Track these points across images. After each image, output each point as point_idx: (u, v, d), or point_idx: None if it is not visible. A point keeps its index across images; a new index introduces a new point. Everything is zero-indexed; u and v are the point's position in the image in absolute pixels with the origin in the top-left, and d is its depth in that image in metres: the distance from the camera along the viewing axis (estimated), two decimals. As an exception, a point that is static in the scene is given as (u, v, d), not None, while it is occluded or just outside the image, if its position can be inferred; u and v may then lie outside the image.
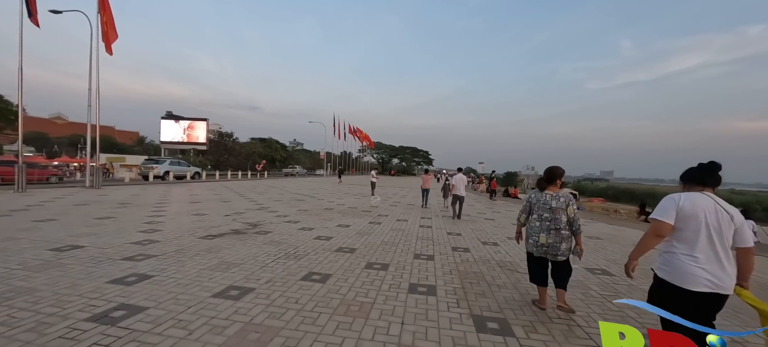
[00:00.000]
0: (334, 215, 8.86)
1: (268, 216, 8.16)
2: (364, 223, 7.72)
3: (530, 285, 3.89)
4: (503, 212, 11.51)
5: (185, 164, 25.33)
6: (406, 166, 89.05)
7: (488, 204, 14.35)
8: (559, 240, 2.96)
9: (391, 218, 8.76)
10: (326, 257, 4.68)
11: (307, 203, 11.55)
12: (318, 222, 7.65)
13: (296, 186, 21.05)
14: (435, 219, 9.03)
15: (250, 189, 17.71)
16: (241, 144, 52.43)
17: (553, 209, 3.00)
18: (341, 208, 10.42)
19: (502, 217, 10.03)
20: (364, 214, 9.24)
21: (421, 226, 7.67)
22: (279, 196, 13.77)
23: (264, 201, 11.78)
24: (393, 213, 9.68)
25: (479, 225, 8.17)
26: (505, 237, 6.82)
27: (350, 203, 12.12)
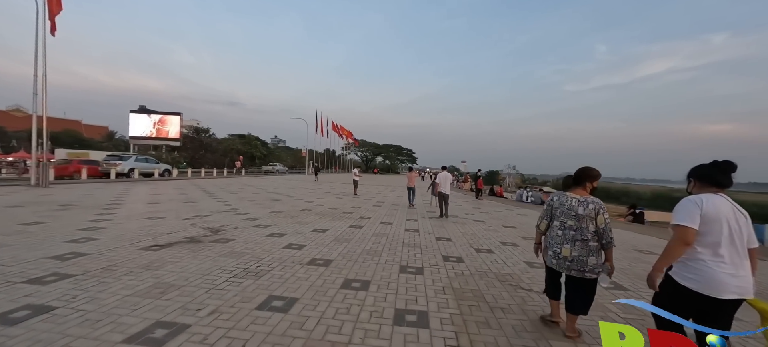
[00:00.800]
0: (312, 217, 8.02)
1: (235, 220, 7.22)
2: (344, 227, 6.93)
3: (539, 306, 3.24)
4: (491, 213, 10.99)
5: (153, 161, 23.57)
6: (390, 164, 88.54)
7: (475, 204, 13.85)
8: (585, 253, 2.45)
9: (374, 221, 8.00)
10: (294, 273, 3.87)
11: (282, 204, 10.61)
12: (292, 226, 6.79)
13: (274, 185, 19.92)
14: (421, 221, 8.35)
15: (223, 187, 16.50)
16: (218, 140, 50.22)
17: (579, 216, 2.46)
18: (320, 210, 9.57)
19: (492, 219, 9.48)
20: (345, 216, 8.44)
21: (408, 230, 6.96)
22: (253, 196, 12.72)
23: (235, 201, 10.75)
24: (376, 215, 8.93)
25: (469, 229, 7.55)
26: (498, 242, 6.20)
27: (331, 203, 11.27)
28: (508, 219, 9.59)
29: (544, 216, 2.72)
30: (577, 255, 2.45)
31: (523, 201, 16.03)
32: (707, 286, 1.75)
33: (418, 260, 4.69)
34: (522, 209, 12.79)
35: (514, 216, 10.39)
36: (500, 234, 7.06)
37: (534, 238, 2.97)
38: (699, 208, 1.79)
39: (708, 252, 1.79)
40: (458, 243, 5.98)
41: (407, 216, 9.17)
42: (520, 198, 16.41)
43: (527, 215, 10.76)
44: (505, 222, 8.78)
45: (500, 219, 9.35)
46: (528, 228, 7.95)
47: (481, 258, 4.95)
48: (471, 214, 10.20)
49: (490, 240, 6.31)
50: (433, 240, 6.07)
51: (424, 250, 5.29)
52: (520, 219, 9.73)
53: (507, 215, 10.49)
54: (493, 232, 7.21)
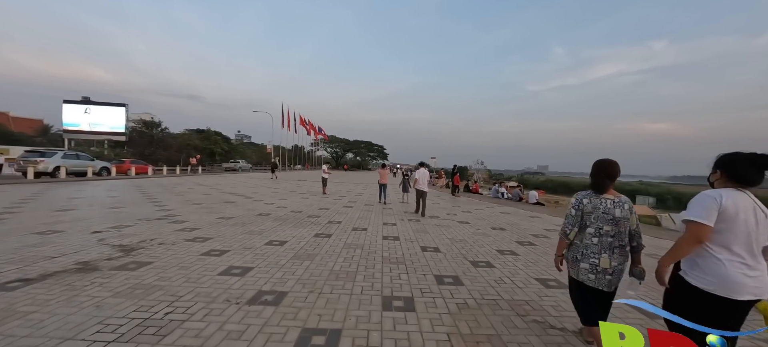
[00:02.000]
0: (269, 224, 6.59)
1: (164, 231, 5.62)
2: (308, 237, 5.61)
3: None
4: (473, 212, 10.15)
5: (87, 158, 20.35)
6: (361, 161, 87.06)
7: (453, 202, 13.01)
8: (624, 261, 2.17)
9: (345, 226, 6.74)
10: (223, 324, 2.55)
11: (236, 207, 9.00)
12: (240, 238, 5.36)
13: (232, 184, 17.89)
14: (400, 224, 7.22)
15: (170, 188, 14.33)
16: (172, 135, 45.92)
17: (616, 220, 2.12)
18: (281, 213, 8.12)
19: (476, 219, 8.58)
20: (310, 222, 7.10)
21: (386, 238, 5.79)
22: (202, 198, 10.90)
23: (176, 205, 8.96)
24: (348, 219, 7.67)
25: (456, 233, 6.54)
26: (494, 250, 5.22)
27: (295, 205, 9.82)
28: (493, 219, 8.75)
29: (573, 222, 2.21)
30: (616, 265, 2.13)
31: (501, 198, 15.52)
32: (723, 287, 1.64)
33: (405, 285, 3.53)
34: (502, 206, 12.14)
35: (497, 215, 9.60)
36: (492, 238, 6.11)
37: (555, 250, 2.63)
38: (717, 204, 1.65)
39: (724, 250, 1.68)
40: (448, 253, 4.91)
41: (383, 218, 8.00)
42: (496, 195, 15.89)
43: (511, 213, 10.04)
44: (492, 223, 7.91)
45: (485, 220, 8.48)
46: (518, 230, 7.11)
47: (483, 277, 3.90)
48: (452, 214, 9.25)
49: (483, 249, 5.31)
50: (418, 252, 4.95)
51: (411, 267, 4.14)
52: (506, 218, 8.94)
53: (490, 214, 9.69)
54: (484, 237, 6.24)
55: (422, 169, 9.34)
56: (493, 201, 13.92)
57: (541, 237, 6.45)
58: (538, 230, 7.26)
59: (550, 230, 7.31)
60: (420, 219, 7.98)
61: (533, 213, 10.43)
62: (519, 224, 7.96)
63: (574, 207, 2.20)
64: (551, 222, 8.61)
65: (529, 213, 10.40)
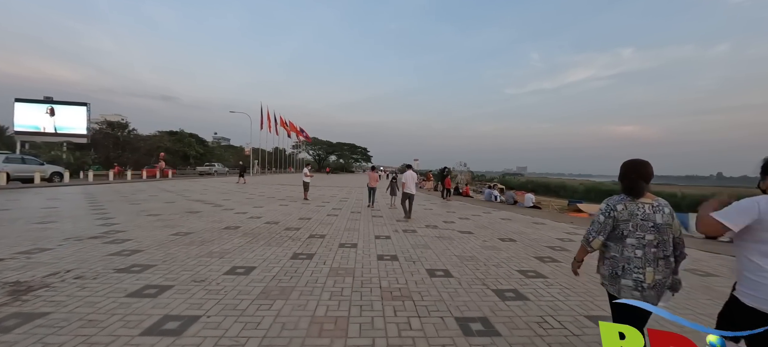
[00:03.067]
0: (235, 242, 5.36)
1: (92, 257, 4.31)
2: (284, 259, 4.44)
3: None
4: (471, 218, 9.23)
5: (35, 161, 18.09)
6: (344, 163, 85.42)
7: (445, 207, 12.09)
8: (668, 273, 1.83)
9: (330, 241, 5.61)
10: None
11: (200, 218, 7.66)
12: (192, 264, 4.13)
13: (203, 190, 16.28)
14: (396, 237, 6.15)
15: (128, 196, 12.64)
16: (141, 137, 42.96)
17: (659, 227, 1.79)
18: (253, 226, 6.88)
19: (478, 227, 7.64)
20: (288, 237, 5.91)
21: (382, 257, 4.70)
22: (163, 208, 9.43)
23: (125, 217, 7.51)
24: (333, 231, 6.53)
25: (461, 247, 5.54)
26: (515, 271, 4.26)
27: (271, 214, 8.56)
28: (495, 227, 7.84)
29: (600, 230, 1.87)
30: (660, 279, 1.81)
31: (494, 201, 14.77)
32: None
33: (421, 339, 2.46)
34: (499, 211, 11.33)
35: (498, 221, 8.72)
36: (505, 254, 5.16)
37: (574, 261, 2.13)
38: (755, 211, 1.54)
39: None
40: (463, 278, 3.89)
41: (374, 229, 6.90)
42: (489, 198, 15.14)
43: (512, 219, 9.19)
44: (497, 233, 6.99)
45: (487, 228, 7.55)
46: (530, 241, 6.22)
47: (520, 317, 2.89)
48: (450, 222, 8.28)
49: (502, 269, 4.33)
50: (425, 277, 3.90)
51: (421, 305, 3.08)
52: (509, 226, 8.06)
53: (490, 221, 8.79)
54: (495, 252, 5.28)
55: (409, 172, 9.10)
56: (486, 205, 13.12)
57: (560, 250, 5.57)
58: (551, 240, 6.39)
59: (565, 240, 6.46)
60: (416, 230, 6.96)
61: (535, 218, 9.63)
62: (526, 233, 7.08)
63: (603, 214, 1.89)
64: (559, 229, 7.79)
65: (530, 218, 9.60)
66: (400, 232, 6.67)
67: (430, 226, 7.51)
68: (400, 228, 7.10)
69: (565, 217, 10.26)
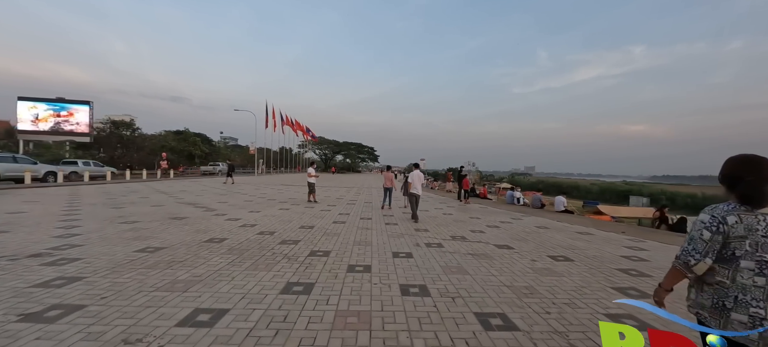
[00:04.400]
0: (214, 262, 4.13)
1: (2, 289, 3.11)
2: (272, 294, 3.19)
3: None
4: (501, 226, 7.87)
5: (27, 160, 17.24)
6: (351, 163, 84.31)
7: (465, 211, 10.75)
8: None
9: (336, 262, 4.34)
10: None
11: (181, 227, 6.49)
12: (139, 303, 2.90)
13: (198, 191, 15.20)
14: (418, 253, 4.85)
15: (118, 196, 11.58)
16: (144, 137, 42.42)
17: None
18: (242, 237, 5.66)
19: (514, 238, 6.30)
20: (282, 255, 4.66)
21: (408, 291, 3.40)
22: (147, 212, 8.29)
23: (96, 225, 6.37)
24: (340, 246, 5.26)
25: (503, 267, 4.23)
26: (600, 312, 2.94)
27: (267, 222, 7.34)
28: (535, 238, 6.49)
29: (708, 249, 1.42)
30: None
31: (516, 204, 13.35)
32: None
33: None
34: (528, 215, 9.94)
35: (535, 231, 7.35)
36: (570, 282, 3.83)
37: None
38: None
39: None
40: (535, 331, 2.58)
41: (391, 242, 5.61)
42: (512, 201, 13.72)
43: (549, 227, 7.81)
44: (542, 246, 5.64)
45: (526, 240, 6.20)
46: (589, 261, 4.87)
47: None
48: (478, 232, 6.94)
49: (582, 311, 3.00)
50: (479, 330, 2.60)
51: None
52: (550, 236, 6.69)
53: (525, 230, 7.44)
54: (556, 279, 3.94)
55: (416, 171, 8.80)
56: (510, 209, 11.73)
57: (637, 276, 4.21)
58: (616, 259, 5.02)
59: (633, 259, 5.08)
60: (442, 244, 5.65)
61: (574, 226, 8.23)
62: (579, 247, 5.71)
63: (709, 228, 1.42)
64: (615, 242, 6.40)
65: (569, 225, 8.21)
66: (422, 246, 5.37)
67: (457, 238, 6.19)
68: (421, 241, 5.80)
69: (613, 225, 8.81)
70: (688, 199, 57.72)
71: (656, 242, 6.51)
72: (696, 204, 52.45)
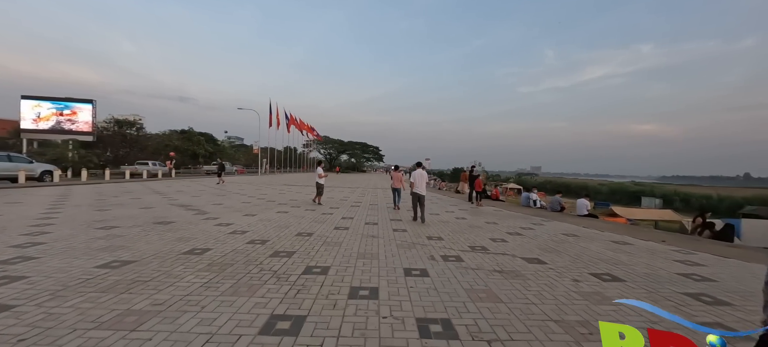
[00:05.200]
0: (186, 282, 3.37)
1: None
2: (249, 333, 2.40)
3: None
4: (522, 233, 7.01)
5: (23, 160, 16.77)
6: (355, 163, 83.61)
7: (478, 214, 9.89)
8: None
9: (335, 280, 3.54)
10: None
11: (163, 234, 5.75)
12: (77, 345, 2.14)
13: (197, 191, 14.55)
14: (434, 268, 4.04)
15: (108, 197, 10.94)
16: (148, 136, 42.17)
17: None
18: (227, 248, 4.89)
19: (540, 248, 5.45)
20: (272, 271, 3.88)
21: (423, 327, 2.59)
22: (132, 215, 7.59)
23: (67, 231, 5.66)
24: (341, 257, 4.46)
25: (541, 289, 3.39)
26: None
27: (260, 228, 6.58)
28: (567, 249, 5.62)
29: None
30: None
31: (532, 207, 12.43)
32: None
33: None
34: (551, 221, 9.04)
35: (563, 240, 6.48)
36: (631, 312, 2.98)
37: None
38: None
39: None
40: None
41: (401, 253, 4.80)
42: (527, 203, 12.79)
43: (580, 235, 6.92)
44: (579, 261, 4.78)
45: (557, 250, 5.34)
46: (641, 280, 4.01)
47: None
48: (500, 241, 6.09)
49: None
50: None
51: None
52: (586, 247, 5.82)
53: (553, 238, 6.57)
54: (613, 309, 3.09)
55: (419, 170, 8.45)
56: (527, 212, 10.84)
57: (714, 304, 3.34)
58: (671, 278, 4.14)
59: (694, 277, 4.19)
60: (461, 257, 4.82)
61: (605, 233, 7.33)
62: (621, 261, 4.84)
63: None
64: (662, 254, 5.50)
65: (598, 232, 7.31)
66: (438, 260, 4.54)
67: (477, 248, 5.35)
68: (436, 252, 4.97)
69: (651, 233, 7.86)
70: (703, 200, 55.87)
71: (709, 254, 5.59)
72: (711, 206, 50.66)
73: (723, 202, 50.29)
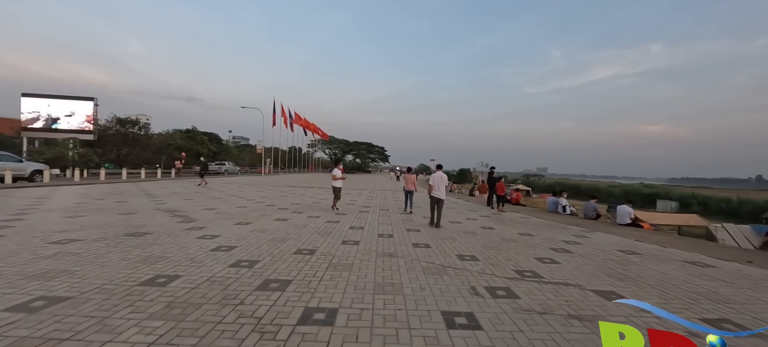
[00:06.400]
0: (121, 340, 2.21)
1: None
2: None
3: None
4: (566, 247, 5.78)
5: (12, 158, 15.89)
6: (360, 163, 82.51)
7: (503, 222, 8.66)
8: None
9: (348, 337, 2.37)
10: None
11: (130, 252, 4.62)
12: None
13: (194, 194, 13.50)
14: (483, 310, 2.86)
15: (91, 200, 9.91)
16: (151, 135, 41.52)
17: None
18: (206, 273, 3.74)
19: (603, 272, 4.23)
20: (255, 320, 2.71)
21: None
22: (111, 222, 6.51)
23: (14, 246, 4.56)
24: (352, 292, 3.28)
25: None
26: None
27: (252, 242, 5.44)
28: (638, 274, 4.38)
29: None
30: None
31: (561, 213, 11.13)
32: None
33: None
34: (593, 231, 7.77)
35: (623, 259, 5.23)
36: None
37: None
38: None
39: None
40: None
41: (431, 282, 3.61)
42: (555, 209, 11.50)
43: (641, 253, 5.65)
44: (669, 293, 3.54)
45: (626, 276, 4.11)
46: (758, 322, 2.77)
47: None
48: (548, 260, 4.87)
49: None
50: None
51: None
52: (661, 272, 4.57)
53: (607, 256, 5.34)
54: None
55: (439, 172, 7.91)
56: (557, 219, 9.56)
57: None
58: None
59: None
60: (510, 289, 3.62)
61: (675, 250, 6.05)
62: (727, 297, 3.58)
63: None
64: (764, 283, 4.23)
65: (660, 248, 6.04)
66: (485, 296, 3.34)
67: (528, 275, 4.13)
68: (477, 281, 3.76)
69: (732, 252, 6.50)
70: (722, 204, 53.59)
71: None
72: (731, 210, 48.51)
73: (743, 206, 48.15)
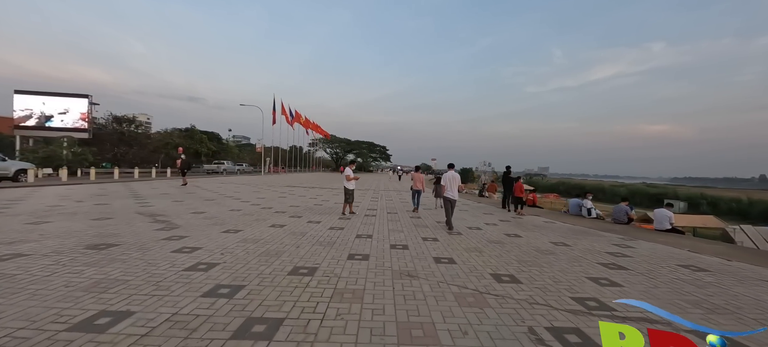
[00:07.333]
0: None
1: None
2: None
3: None
4: (624, 264, 4.82)
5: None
6: (362, 163, 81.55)
7: (526, 227, 7.70)
8: None
9: None
10: None
11: (89, 267, 3.69)
12: None
13: (185, 194, 12.57)
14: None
15: (72, 200, 8.99)
16: (148, 134, 40.66)
17: None
18: (173, 306, 2.79)
19: (681, 297, 3.29)
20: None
21: None
22: (75, 231, 5.57)
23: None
24: (374, 336, 2.35)
25: None
26: None
27: (240, 257, 4.49)
28: (733, 303, 3.43)
29: None
30: None
31: (586, 217, 10.16)
32: None
33: None
34: (630, 237, 6.82)
35: (683, 275, 4.28)
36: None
37: None
38: None
39: None
40: None
41: (484, 338, 2.68)
42: (578, 211, 10.54)
43: (706, 268, 4.70)
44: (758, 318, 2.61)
45: (718, 307, 3.17)
46: None
47: None
48: (604, 282, 3.92)
49: None
50: None
51: None
52: (744, 295, 3.62)
53: (669, 273, 4.39)
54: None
55: (451, 172, 7.54)
56: (583, 223, 8.60)
57: None
58: None
59: None
60: (579, 329, 2.67)
61: (741, 264, 5.08)
62: None
63: None
64: None
65: (724, 261, 5.08)
66: (552, 346, 2.39)
67: (591, 303, 3.18)
68: (534, 319, 2.82)
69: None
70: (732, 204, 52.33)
71: None
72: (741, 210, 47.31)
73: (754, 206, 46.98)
